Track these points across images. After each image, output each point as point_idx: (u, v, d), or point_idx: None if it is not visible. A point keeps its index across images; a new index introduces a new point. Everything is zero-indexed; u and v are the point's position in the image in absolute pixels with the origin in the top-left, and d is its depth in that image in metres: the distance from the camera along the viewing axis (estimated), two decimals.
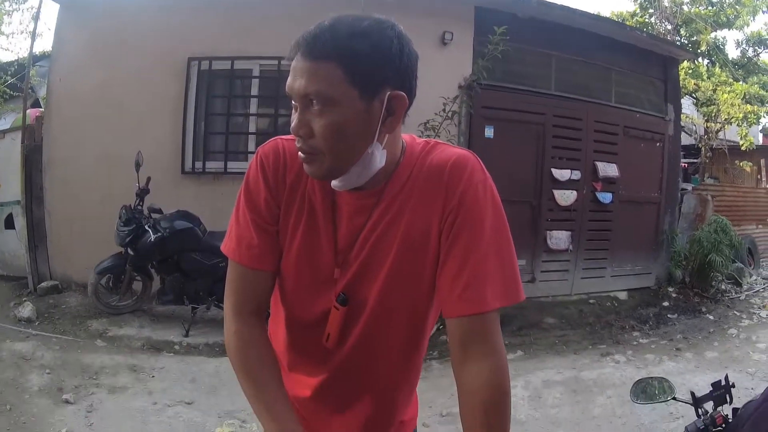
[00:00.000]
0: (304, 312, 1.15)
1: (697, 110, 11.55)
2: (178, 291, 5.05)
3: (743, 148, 10.81)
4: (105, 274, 5.17)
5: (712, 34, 11.91)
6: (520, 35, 5.89)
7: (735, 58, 13.03)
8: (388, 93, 0.97)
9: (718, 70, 11.63)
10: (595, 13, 7.66)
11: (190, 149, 5.92)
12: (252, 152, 5.71)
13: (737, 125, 10.81)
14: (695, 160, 11.49)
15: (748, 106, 10.46)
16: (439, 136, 5.37)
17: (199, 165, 5.94)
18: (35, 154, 5.95)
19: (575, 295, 6.76)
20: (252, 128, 6.09)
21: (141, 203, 5.14)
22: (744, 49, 13.12)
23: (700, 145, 11.31)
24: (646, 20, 12.39)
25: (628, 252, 7.18)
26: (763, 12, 11.66)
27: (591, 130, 6.87)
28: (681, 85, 9.09)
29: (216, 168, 5.93)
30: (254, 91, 6.04)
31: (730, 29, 12.02)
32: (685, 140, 10.04)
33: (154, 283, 5.31)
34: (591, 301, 6.66)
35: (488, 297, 0.99)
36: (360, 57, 0.94)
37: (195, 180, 5.92)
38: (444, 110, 5.53)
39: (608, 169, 6.93)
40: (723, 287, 7.59)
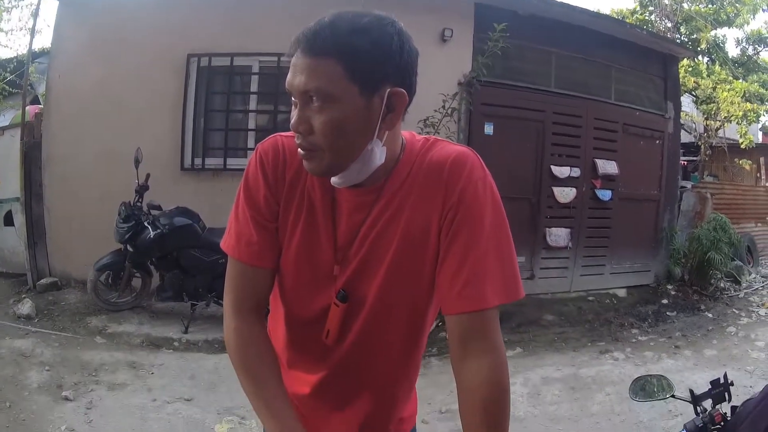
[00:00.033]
0: (304, 309, 1.14)
1: (697, 108, 11.56)
2: (177, 287, 5.05)
3: (743, 146, 10.83)
4: (104, 270, 5.17)
5: (712, 32, 11.91)
6: (520, 32, 5.89)
7: (735, 56, 13.04)
8: (388, 90, 0.97)
9: (717, 68, 11.63)
10: (594, 11, 7.64)
11: (190, 146, 5.92)
12: (251, 149, 5.70)
13: (737, 123, 10.81)
14: (695, 158, 11.49)
15: (748, 105, 10.46)
16: (438, 133, 5.37)
17: (198, 161, 5.94)
18: (34, 151, 5.95)
19: (574, 292, 6.76)
20: (251, 125, 6.09)
21: (140, 200, 5.14)
22: (744, 47, 13.13)
23: (699, 143, 11.32)
24: (646, 18, 12.38)
25: (628, 249, 7.18)
26: (763, 10, 11.65)
27: (590, 128, 6.87)
28: (681, 83, 9.09)
29: (215, 164, 5.93)
30: (254, 87, 6.04)
31: (730, 27, 12.02)
32: (684, 138, 10.03)
33: (153, 279, 5.31)
34: (590, 299, 6.66)
35: (488, 294, 0.99)
36: (360, 53, 0.94)
37: (194, 176, 5.92)
38: (443, 107, 5.53)
39: (608, 167, 6.93)
40: (722, 285, 7.59)
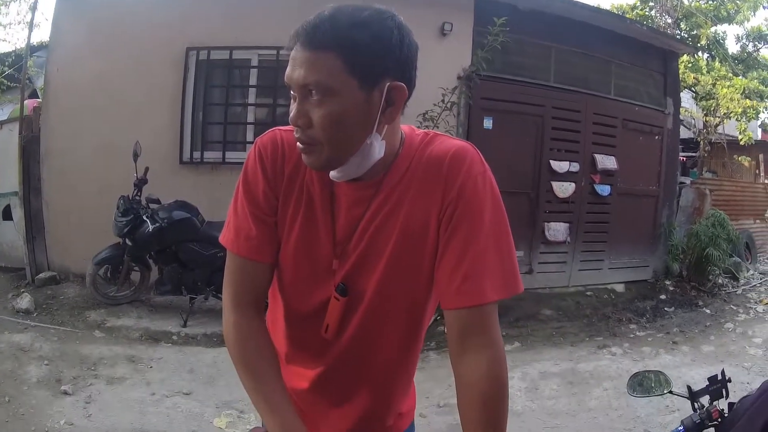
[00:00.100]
0: (303, 303, 1.14)
1: (696, 104, 11.54)
2: (176, 281, 5.06)
3: (742, 143, 10.82)
4: (103, 264, 5.17)
5: (713, 29, 11.90)
6: (519, 27, 5.87)
7: (735, 52, 13.03)
8: (387, 83, 0.97)
9: (717, 64, 11.62)
10: (595, 6, 7.62)
11: (188, 139, 5.91)
12: (250, 142, 5.68)
13: (736, 120, 10.81)
14: (694, 154, 11.49)
15: (748, 101, 10.46)
16: (437, 127, 5.36)
17: (197, 155, 5.92)
18: (33, 145, 5.93)
19: (573, 287, 6.77)
20: (250, 118, 6.08)
21: (139, 193, 5.13)
22: (744, 44, 13.12)
23: (698, 139, 11.31)
24: (647, 13, 12.35)
25: (626, 245, 7.19)
26: (764, 7, 11.66)
27: (590, 123, 6.86)
28: (680, 79, 9.08)
29: (214, 158, 5.92)
30: (253, 80, 6.02)
31: (730, 24, 12.02)
32: (683, 134, 10.04)
33: (152, 273, 5.31)
34: (588, 293, 6.67)
35: (487, 289, 0.99)
36: (360, 47, 0.94)
37: (193, 170, 5.91)
38: (443, 101, 5.51)
39: (607, 162, 6.93)
40: (720, 281, 7.61)
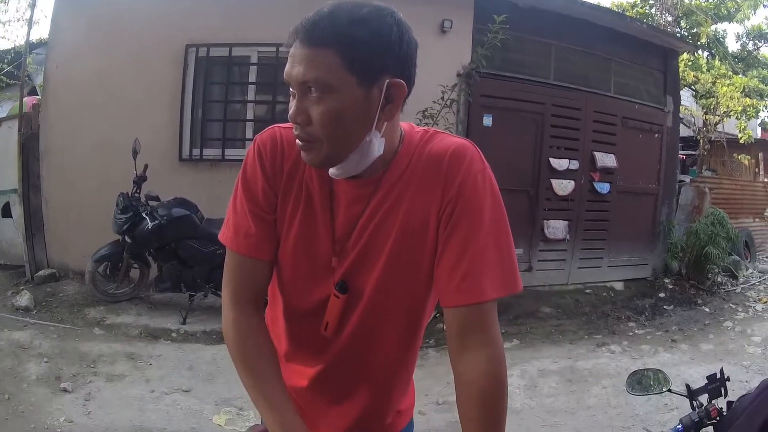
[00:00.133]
0: (302, 301, 1.14)
1: (696, 102, 11.53)
2: (175, 278, 5.05)
3: (742, 142, 10.80)
4: (102, 262, 5.17)
5: (713, 27, 11.87)
6: (519, 24, 5.87)
7: (735, 51, 13.00)
8: (387, 80, 0.97)
9: (717, 62, 11.60)
10: (595, 3, 7.60)
11: (188, 136, 5.90)
12: (250, 139, 5.70)
13: (736, 118, 10.79)
14: (693, 152, 11.47)
15: (747, 100, 10.44)
16: (437, 125, 5.35)
17: (196, 152, 5.92)
18: (32, 142, 5.92)
19: (572, 284, 6.78)
20: (250, 115, 6.07)
21: (138, 191, 5.13)
22: (744, 42, 13.09)
23: (698, 138, 11.30)
24: (647, 11, 12.32)
25: (625, 242, 7.19)
26: (764, 6, 11.64)
27: (590, 120, 6.86)
28: (680, 77, 9.07)
29: (213, 155, 5.92)
30: (252, 78, 6.01)
31: (730, 22, 12.00)
32: (683, 132, 10.03)
33: (151, 270, 5.31)
34: (587, 291, 6.68)
35: (486, 287, 0.99)
36: (359, 44, 0.93)
37: (192, 167, 5.91)
38: (442, 98, 5.51)
39: (606, 160, 6.93)
40: (719, 280, 7.62)
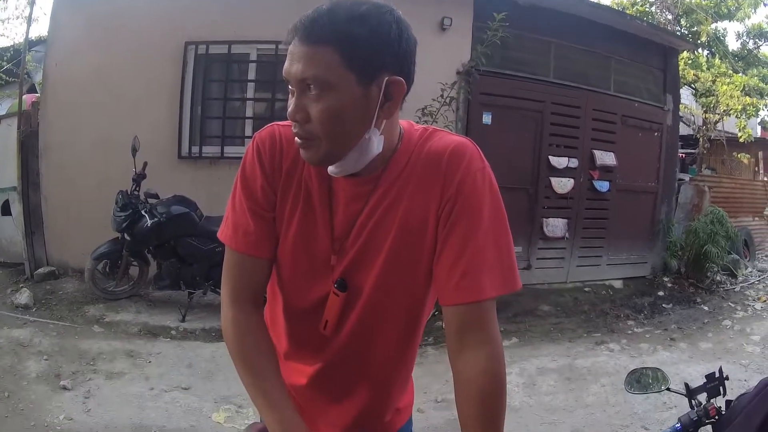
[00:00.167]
0: (301, 299, 1.14)
1: (696, 101, 11.52)
2: (174, 276, 5.05)
3: (741, 140, 10.79)
4: (102, 259, 5.16)
5: (713, 25, 11.85)
6: (519, 22, 5.85)
7: (735, 49, 12.98)
8: (386, 78, 0.96)
9: (717, 61, 11.59)
10: (595, 2, 7.59)
11: (187, 134, 5.90)
12: (249, 137, 5.68)
13: (736, 117, 10.79)
14: (693, 151, 11.47)
15: (747, 98, 10.43)
16: (436, 122, 5.35)
17: (195, 150, 5.91)
18: (31, 139, 5.91)
19: (571, 282, 6.78)
20: (249, 113, 6.06)
21: (137, 188, 5.12)
22: (744, 41, 13.06)
23: (698, 136, 11.29)
24: (647, 9, 12.31)
25: (624, 241, 7.20)
26: (765, 4, 11.62)
27: (589, 119, 6.86)
28: (680, 76, 9.06)
29: (213, 153, 5.91)
30: (251, 75, 6.00)
31: (730, 21, 11.98)
32: (683, 130, 10.03)
33: (150, 268, 5.31)
34: (586, 289, 6.68)
35: (485, 286, 0.99)
36: (358, 42, 0.93)
37: (192, 165, 5.90)
38: (442, 96, 5.50)
39: (606, 158, 6.93)
40: (718, 278, 7.62)
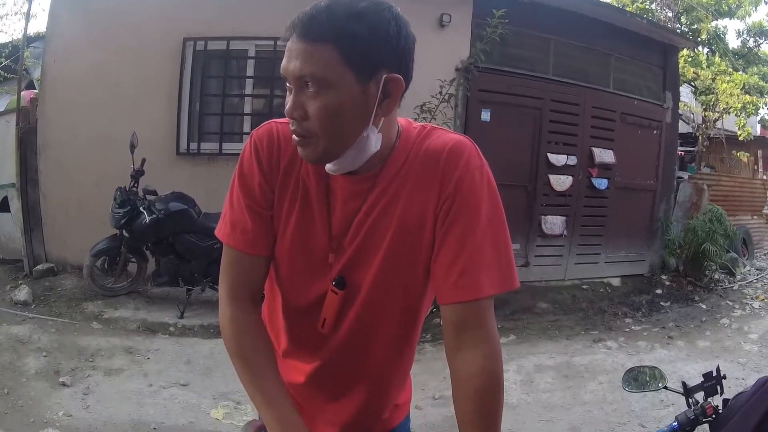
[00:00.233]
0: (299, 297, 1.14)
1: (696, 99, 11.51)
2: (173, 273, 5.06)
3: (741, 139, 10.78)
4: (100, 256, 5.17)
5: (713, 23, 11.84)
6: (518, 19, 5.85)
7: (735, 47, 12.97)
8: (384, 76, 0.96)
9: (717, 59, 11.57)
10: None
11: (185, 130, 5.89)
12: (247, 133, 5.64)
13: (735, 115, 10.78)
14: (692, 149, 11.46)
15: (747, 97, 10.43)
16: (435, 119, 5.35)
17: (194, 146, 5.90)
18: (30, 136, 5.90)
19: (569, 280, 6.79)
20: (247, 109, 6.06)
21: (136, 185, 5.13)
22: (745, 39, 13.05)
23: (697, 134, 11.27)
24: (647, 7, 12.29)
25: (623, 239, 7.21)
26: (765, 3, 11.58)
27: (588, 116, 6.85)
28: (680, 73, 9.05)
29: (211, 149, 5.90)
30: (250, 71, 6.00)
31: (731, 18, 11.95)
32: (682, 128, 10.01)
33: (149, 265, 5.32)
34: (584, 287, 6.69)
35: (483, 284, 0.99)
36: (357, 39, 0.93)
37: (190, 161, 5.89)
38: (441, 93, 5.49)
39: (604, 156, 6.92)
40: (716, 277, 7.62)
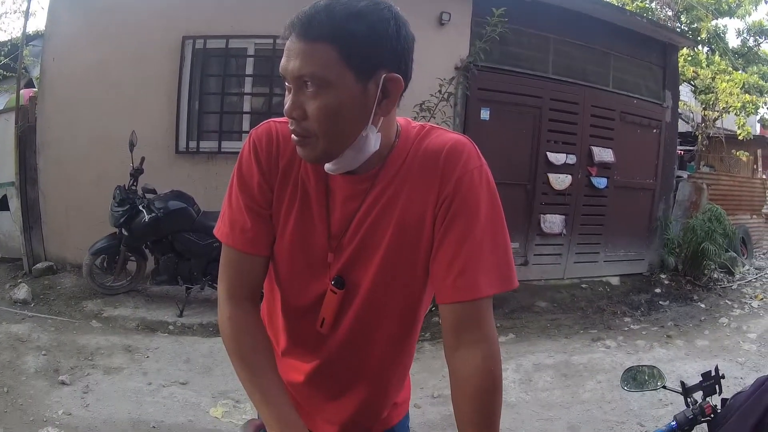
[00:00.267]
0: (299, 297, 1.14)
1: (695, 98, 11.51)
2: (172, 271, 5.05)
3: (740, 138, 10.79)
4: (99, 254, 5.16)
5: (713, 22, 11.82)
6: (518, 17, 5.85)
7: (735, 47, 12.95)
8: (383, 75, 0.96)
9: (717, 58, 11.56)
10: None
11: (185, 129, 5.88)
12: (246, 132, 5.66)
13: (735, 114, 10.78)
14: (691, 148, 11.46)
15: (747, 96, 10.42)
16: (434, 118, 5.35)
17: (193, 145, 5.90)
18: (29, 134, 5.89)
19: (568, 279, 6.79)
20: (246, 108, 6.05)
21: (135, 183, 5.12)
22: (745, 38, 13.03)
23: (696, 133, 11.27)
24: (647, 6, 12.28)
25: (622, 238, 7.21)
26: (766, 2, 11.57)
27: (587, 115, 6.84)
28: (680, 72, 9.05)
29: (210, 148, 5.90)
30: (249, 70, 5.99)
31: (731, 18, 11.94)
32: (682, 127, 10.01)
33: (148, 263, 5.31)
34: (583, 286, 6.69)
35: (482, 284, 0.99)
36: (356, 38, 0.92)
37: (189, 160, 5.89)
38: (440, 91, 5.49)
39: (604, 154, 6.92)
40: (715, 276, 7.63)
